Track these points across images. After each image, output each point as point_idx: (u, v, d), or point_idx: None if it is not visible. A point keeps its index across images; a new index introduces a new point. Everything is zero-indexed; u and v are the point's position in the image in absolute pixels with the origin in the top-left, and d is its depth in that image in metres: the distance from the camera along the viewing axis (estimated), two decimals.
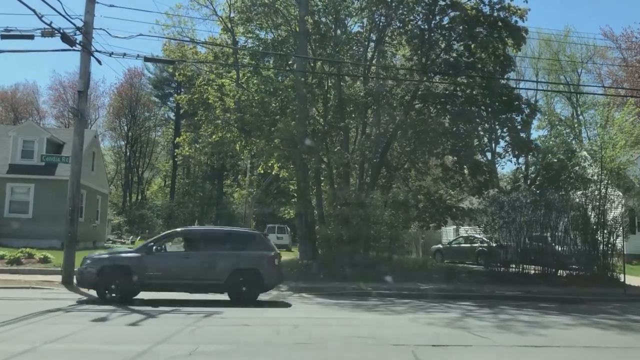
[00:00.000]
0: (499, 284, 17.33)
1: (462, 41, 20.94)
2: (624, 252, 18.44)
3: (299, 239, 25.26)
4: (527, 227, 18.96)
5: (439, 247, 28.60)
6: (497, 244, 19.74)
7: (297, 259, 23.25)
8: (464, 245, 26.03)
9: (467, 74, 20.72)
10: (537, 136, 32.38)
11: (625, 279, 17.34)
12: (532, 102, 24.40)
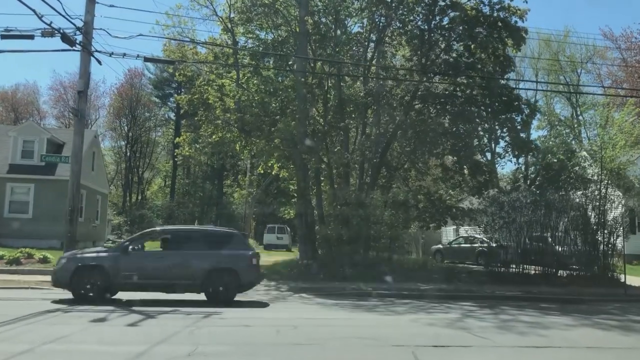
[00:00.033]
0: (499, 284, 17.31)
1: (462, 41, 20.94)
2: (624, 252, 18.40)
3: (299, 239, 25.25)
4: (527, 227, 18.93)
5: (439, 247, 28.60)
6: (497, 244, 19.71)
7: (297, 259, 23.24)
8: (464, 245, 26.00)
9: (467, 74, 20.73)
10: (536, 136, 32.43)
11: (625, 279, 17.33)
12: (531, 102, 24.38)
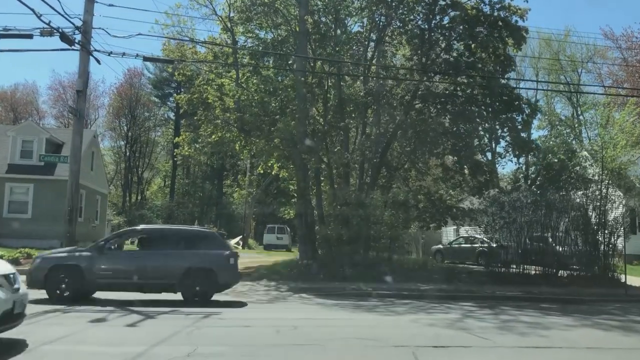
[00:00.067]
0: (499, 284, 17.27)
1: (463, 41, 20.92)
2: (625, 253, 18.36)
3: (299, 239, 25.21)
4: (527, 227, 18.90)
5: (439, 247, 28.57)
6: (497, 245, 19.67)
7: (297, 259, 23.20)
8: (464, 245, 25.97)
9: (467, 74, 20.71)
10: (537, 136, 32.37)
11: (626, 279, 17.30)
12: (532, 102, 24.33)
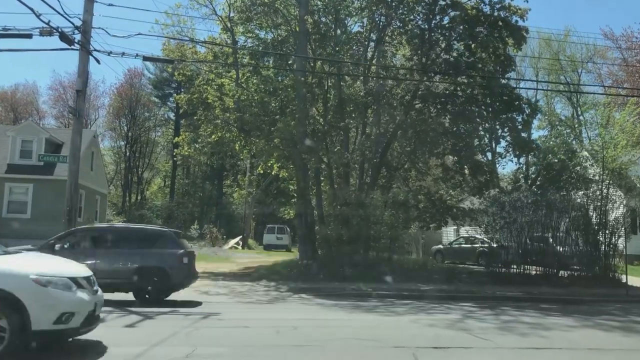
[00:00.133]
0: (499, 284, 17.22)
1: (463, 41, 20.89)
2: (626, 253, 18.31)
3: (299, 239, 25.18)
4: (528, 227, 18.84)
5: (440, 247, 28.52)
6: (498, 245, 19.62)
7: (296, 259, 23.18)
8: (464, 245, 25.92)
9: (467, 74, 20.68)
10: (537, 136, 32.33)
11: (627, 279, 17.25)
12: (532, 102, 24.30)
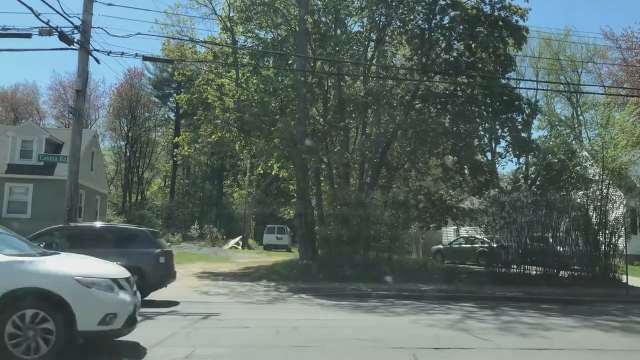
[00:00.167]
0: (500, 284, 17.20)
1: (463, 41, 20.87)
2: (626, 253, 18.29)
3: (299, 239, 25.17)
4: (528, 227, 18.82)
5: (440, 247, 28.51)
6: (498, 245, 19.60)
7: (296, 259, 23.17)
8: (464, 245, 25.91)
9: (467, 74, 20.66)
10: (537, 136, 32.34)
11: (627, 279, 17.22)
12: (532, 102, 24.30)
